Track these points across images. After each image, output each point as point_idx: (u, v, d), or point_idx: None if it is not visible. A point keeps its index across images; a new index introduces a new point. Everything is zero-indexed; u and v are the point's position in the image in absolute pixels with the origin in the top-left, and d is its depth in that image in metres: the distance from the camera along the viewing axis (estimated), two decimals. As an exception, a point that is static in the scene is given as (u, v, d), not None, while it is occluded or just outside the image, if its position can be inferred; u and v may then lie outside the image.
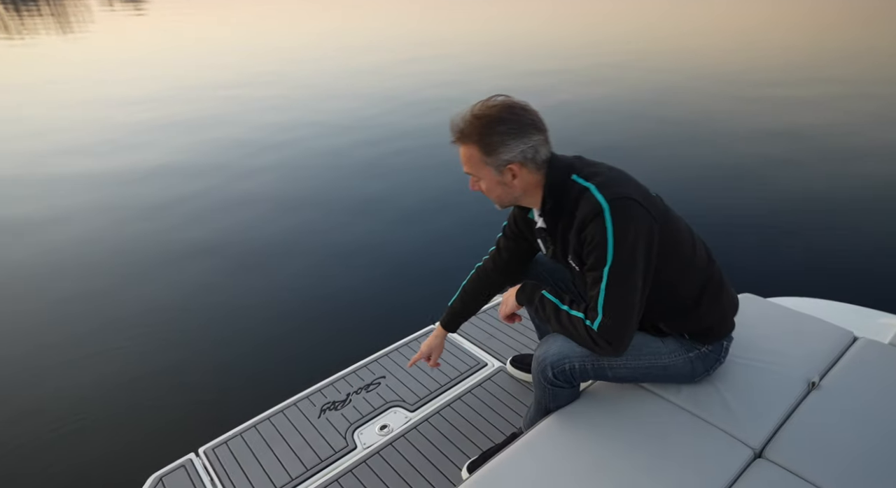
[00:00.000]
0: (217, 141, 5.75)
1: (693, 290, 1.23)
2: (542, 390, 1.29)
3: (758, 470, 1.14)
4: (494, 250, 1.50)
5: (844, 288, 2.81)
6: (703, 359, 1.30)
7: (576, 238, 1.15)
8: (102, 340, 2.65)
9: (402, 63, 9.82)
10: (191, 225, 3.86)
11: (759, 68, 8.54)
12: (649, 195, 1.17)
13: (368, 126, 6.10)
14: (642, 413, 1.28)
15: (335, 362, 2.01)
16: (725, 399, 1.31)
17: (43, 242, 3.67)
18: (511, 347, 2.00)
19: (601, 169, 1.18)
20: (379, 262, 3.26)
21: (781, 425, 1.24)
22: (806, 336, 1.52)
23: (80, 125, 6.47)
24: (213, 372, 2.41)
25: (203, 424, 2.06)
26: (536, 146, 1.14)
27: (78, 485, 1.88)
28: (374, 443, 1.62)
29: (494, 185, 1.19)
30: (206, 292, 3.03)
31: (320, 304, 2.88)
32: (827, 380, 1.37)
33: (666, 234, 1.15)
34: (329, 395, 1.83)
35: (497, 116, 1.11)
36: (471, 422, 1.67)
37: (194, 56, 11.32)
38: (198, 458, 1.62)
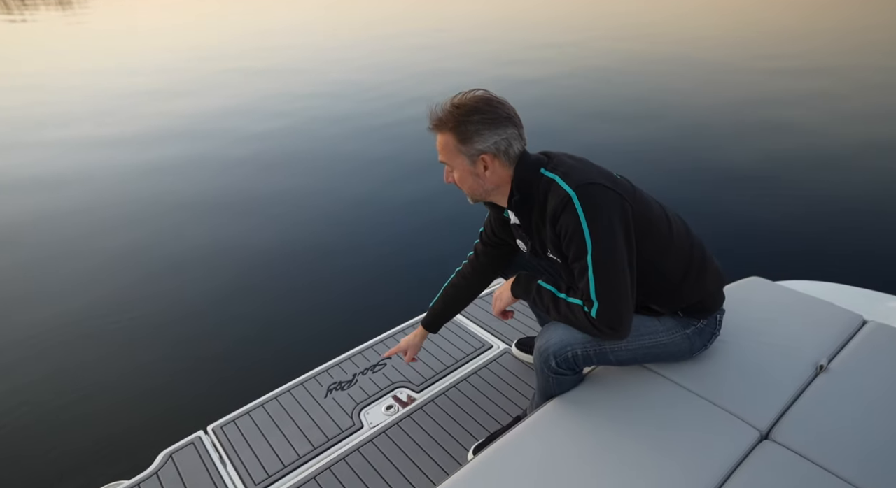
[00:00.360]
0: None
1: (677, 267, 1.24)
2: (546, 379, 1.29)
3: (764, 451, 1.14)
4: (472, 256, 1.52)
5: (854, 271, 2.79)
6: (700, 333, 1.32)
7: (551, 231, 1.17)
8: (112, 318, 2.68)
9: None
10: (197, 206, 3.86)
11: (778, 41, 8.35)
12: (614, 177, 1.19)
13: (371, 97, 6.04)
14: (648, 395, 1.28)
15: (342, 343, 2.02)
16: (732, 381, 1.30)
17: (40, 213, 3.69)
18: (517, 329, 2.01)
19: (564, 159, 1.20)
20: (386, 244, 3.26)
21: (788, 407, 1.24)
22: (815, 319, 1.51)
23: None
24: (221, 352, 2.43)
25: (212, 403, 2.09)
26: (510, 139, 1.16)
27: (90, 461, 1.92)
28: (380, 423, 1.64)
29: (467, 175, 1.20)
30: (215, 273, 3.04)
31: (327, 285, 2.89)
32: (835, 364, 1.36)
33: (638, 213, 1.16)
34: (336, 376, 1.84)
35: (474, 106, 1.14)
36: (476, 403, 1.68)
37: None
38: (206, 436, 1.65)
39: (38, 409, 2.17)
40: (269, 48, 10.05)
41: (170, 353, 2.44)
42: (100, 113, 6.28)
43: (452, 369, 1.84)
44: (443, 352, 1.92)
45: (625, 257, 1.12)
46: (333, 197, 3.94)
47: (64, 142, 5.32)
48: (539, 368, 1.28)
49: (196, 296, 2.85)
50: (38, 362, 2.42)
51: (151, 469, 1.54)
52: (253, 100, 6.62)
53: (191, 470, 1.53)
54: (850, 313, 1.55)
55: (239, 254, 3.24)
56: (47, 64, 9.05)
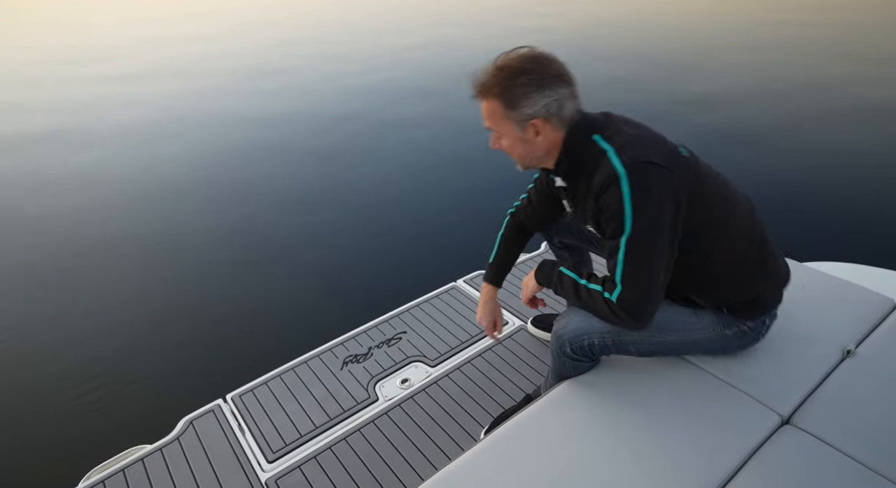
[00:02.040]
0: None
1: (730, 258, 1.14)
2: (562, 363, 1.27)
3: (785, 435, 1.12)
4: (526, 200, 1.45)
5: (887, 253, 2.70)
6: (741, 336, 1.23)
7: (593, 204, 1.09)
8: (137, 288, 2.73)
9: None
10: (211, 188, 3.87)
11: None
12: (677, 155, 1.07)
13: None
14: (666, 377, 1.26)
15: (358, 316, 2.03)
16: (754, 364, 1.27)
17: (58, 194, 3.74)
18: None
19: (624, 128, 1.09)
20: (404, 219, 3.25)
21: (812, 392, 1.21)
22: (843, 302, 1.46)
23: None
24: (240, 323, 2.47)
25: (231, 372, 2.13)
26: (561, 100, 1.06)
27: (116, 425, 1.99)
28: (395, 396, 1.65)
29: (516, 143, 1.12)
30: (234, 249, 3.07)
31: (344, 259, 2.89)
32: (863, 348, 1.32)
33: (696, 199, 1.06)
34: (351, 348, 1.85)
35: (520, 67, 1.04)
36: (491, 379, 1.68)
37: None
38: (226, 404, 1.68)
39: (65, 375, 2.24)
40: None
41: (191, 323, 2.49)
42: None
43: (468, 345, 1.84)
44: (458, 327, 1.92)
45: (663, 246, 1.04)
46: (349, 174, 3.91)
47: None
48: (555, 351, 1.26)
49: (215, 269, 2.88)
50: (64, 331, 2.49)
51: (173, 434, 1.58)
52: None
53: (211, 437, 1.57)
54: (881, 297, 1.49)
55: (256, 227, 3.25)
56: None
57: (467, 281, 2.16)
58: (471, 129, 4.48)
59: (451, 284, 2.15)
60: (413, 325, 1.94)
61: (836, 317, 1.40)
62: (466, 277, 2.18)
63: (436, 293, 2.10)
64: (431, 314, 1.99)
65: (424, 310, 2.01)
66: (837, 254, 1.97)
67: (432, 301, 2.06)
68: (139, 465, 1.50)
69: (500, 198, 3.37)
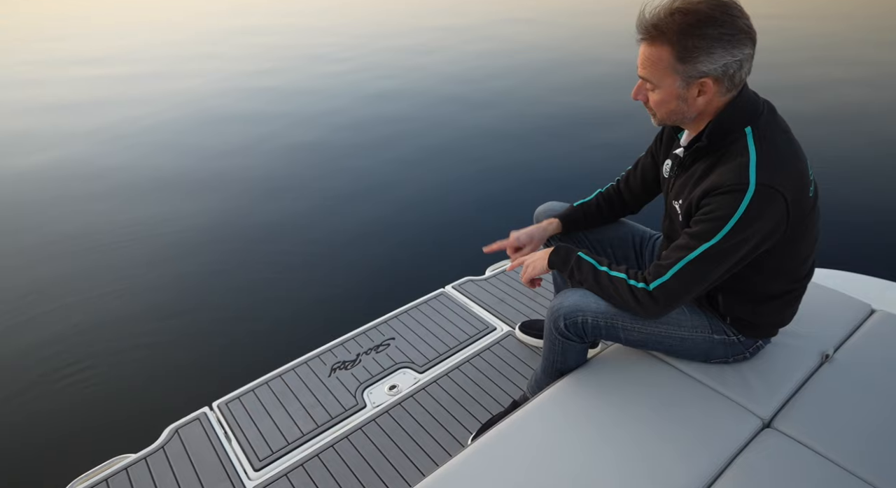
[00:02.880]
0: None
1: (771, 291, 1.16)
2: (552, 343, 1.27)
3: (765, 439, 1.14)
4: (624, 179, 1.41)
5: (864, 259, 2.76)
6: (729, 346, 1.25)
7: (699, 196, 1.02)
8: (121, 294, 2.70)
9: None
10: (180, 185, 3.85)
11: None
12: (805, 194, 1.02)
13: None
14: (650, 381, 1.28)
15: (345, 323, 2.02)
16: (736, 369, 1.30)
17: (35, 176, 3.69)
18: (520, 312, 2.00)
19: (778, 136, 1.00)
20: (391, 226, 3.25)
21: (792, 396, 1.24)
22: (822, 307, 1.50)
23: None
24: (226, 330, 2.45)
25: (217, 380, 2.12)
26: (742, 62, 0.94)
27: (98, 435, 1.96)
28: (383, 402, 1.65)
29: (671, 98, 1.00)
30: (220, 253, 3.05)
31: (333, 265, 2.89)
32: (841, 353, 1.36)
33: (788, 242, 1.04)
34: (339, 355, 1.85)
35: (709, 15, 0.90)
36: (479, 385, 1.69)
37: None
38: (212, 412, 1.67)
39: (48, 382, 2.21)
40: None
41: (176, 329, 2.46)
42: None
43: (456, 351, 1.85)
44: (447, 333, 1.93)
45: (730, 266, 1.03)
46: (339, 183, 3.91)
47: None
48: (548, 329, 1.26)
49: (203, 273, 2.86)
50: (46, 334, 2.45)
51: (158, 443, 1.57)
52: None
53: (196, 445, 1.55)
54: (859, 302, 1.53)
55: (242, 231, 3.24)
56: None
57: (456, 287, 2.17)
58: (457, 133, 4.51)
59: (440, 290, 2.16)
60: (401, 331, 1.94)
61: (815, 322, 1.44)
62: (455, 283, 2.19)
63: (424, 299, 2.10)
64: (420, 320, 1.99)
65: (413, 316, 2.02)
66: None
67: (421, 307, 2.06)
68: (123, 475, 1.49)
69: (489, 205, 3.41)
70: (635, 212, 1.47)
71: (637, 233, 1.48)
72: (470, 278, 2.21)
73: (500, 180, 3.72)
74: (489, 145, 4.31)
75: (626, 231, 1.49)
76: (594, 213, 1.44)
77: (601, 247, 1.49)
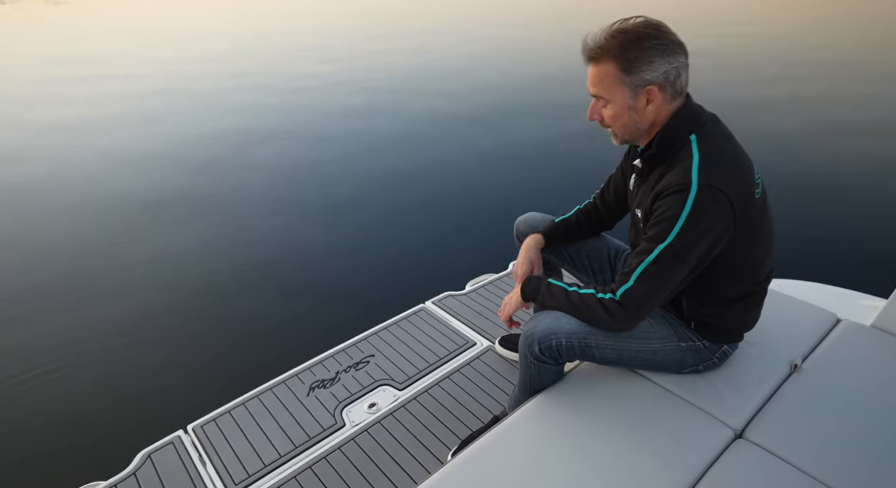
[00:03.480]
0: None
1: (731, 294, 1.21)
2: (528, 367, 1.29)
3: (737, 450, 1.16)
4: (598, 200, 1.48)
5: (828, 270, 2.85)
6: (695, 352, 1.29)
7: (652, 199, 1.10)
8: (93, 316, 2.63)
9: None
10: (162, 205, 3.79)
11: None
12: (751, 195, 1.08)
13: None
14: (626, 394, 1.30)
15: (324, 340, 2.01)
16: (708, 380, 1.32)
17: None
18: (500, 326, 2.01)
19: (718, 141, 1.09)
20: (368, 241, 3.24)
21: (762, 406, 1.27)
22: (790, 318, 1.54)
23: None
24: (200, 350, 2.40)
25: (192, 402, 2.07)
26: (679, 69, 1.06)
27: (68, 462, 1.89)
28: (362, 421, 1.63)
29: (624, 110, 1.10)
30: (195, 268, 3.00)
31: (309, 282, 2.86)
32: (809, 363, 1.39)
33: (740, 242, 1.10)
34: (318, 373, 1.83)
35: (643, 32, 1.04)
36: (459, 401, 1.69)
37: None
38: (186, 435, 1.63)
39: (13, 408, 2.13)
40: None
41: (148, 350, 2.41)
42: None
43: (436, 367, 1.84)
44: (427, 349, 1.92)
45: (688, 268, 1.07)
46: (315, 198, 3.90)
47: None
48: (522, 353, 1.28)
49: (175, 292, 2.81)
50: (13, 358, 2.37)
51: (129, 469, 1.52)
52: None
53: (169, 470, 1.51)
54: (824, 312, 1.58)
55: (220, 250, 3.19)
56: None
57: (436, 302, 2.17)
58: (434, 150, 4.55)
59: (420, 306, 2.16)
60: (381, 348, 1.93)
61: (783, 333, 1.47)
62: (435, 298, 2.19)
63: (404, 315, 2.10)
64: (400, 336, 1.99)
65: (393, 332, 2.01)
66: (782, 271, 2.08)
67: (401, 323, 2.06)
68: (92, 503, 1.44)
69: (469, 219, 3.43)
70: (611, 227, 1.52)
71: (612, 247, 1.52)
72: (450, 293, 2.22)
73: (481, 194, 3.75)
74: (468, 161, 4.35)
75: (603, 244, 1.53)
76: (573, 229, 1.51)
77: (579, 259, 1.53)
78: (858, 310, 1.69)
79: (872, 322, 1.56)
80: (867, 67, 6.94)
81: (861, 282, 2.00)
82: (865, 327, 1.54)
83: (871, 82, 6.28)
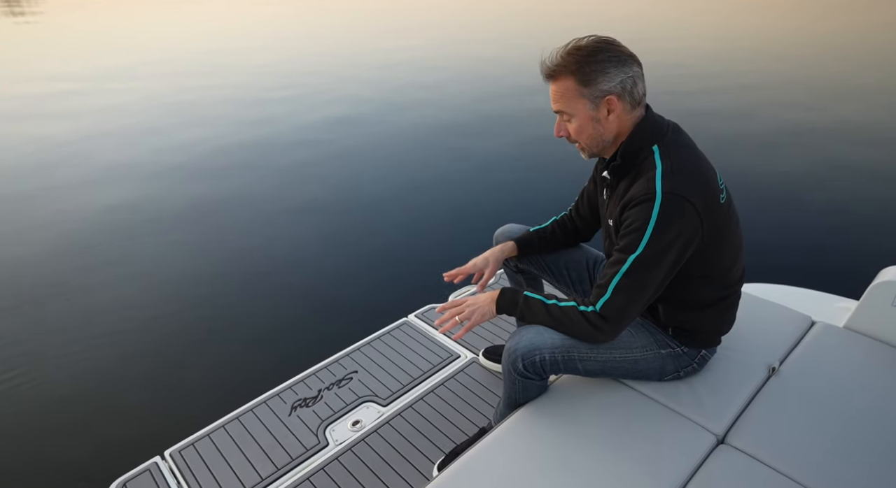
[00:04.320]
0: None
1: (705, 298, 1.23)
2: (512, 383, 1.29)
3: (720, 455, 1.17)
4: (573, 212, 1.51)
5: (801, 273, 2.92)
6: (676, 358, 1.30)
7: (620, 209, 1.14)
8: (63, 339, 2.55)
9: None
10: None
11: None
12: (716, 201, 1.11)
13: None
14: (610, 404, 1.30)
15: (306, 358, 1.97)
16: (690, 386, 1.33)
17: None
18: (484, 338, 2.01)
19: (679, 150, 1.12)
20: (351, 256, 3.22)
21: (743, 411, 1.28)
22: (765, 321, 1.57)
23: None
24: (177, 371, 2.34)
25: (169, 426, 2.01)
26: (635, 78, 1.11)
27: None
28: (346, 440, 1.61)
29: (587, 123, 1.14)
30: (165, 287, 2.93)
31: (289, 299, 2.82)
32: (786, 365, 1.42)
33: (710, 247, 1.12)
34: (300, 392, 1.80)
35: (596, 47, 1.10)
36: (444, 415, 1.67)
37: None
38: (164, 461, 1.58)
39: (-19, 439, 2.04)
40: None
41: (122, 375, 2.34)
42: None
43: (420, 381, 1.83)
44: (410, 363, 1.90)
45: (661, 276, 1.10)
46: (294, 214, 3.87)
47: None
48: (506, 370, 1.27)
49: (150, 311, 2.74)
50: (-20, 388, 2.28)
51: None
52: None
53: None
54: (800, 314, 1.61)
55: (196, 268, 3.13)
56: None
57: (419, 315, 2.16)
58: (415, 161, 4.56)
59: (403, 319, 2.14)
60: (364, 364, 1.91)
61: (761, 336, 1.50)
62: (418, 311, 2.18)
63: (387, 329, 2.08)
64: (383, 351, 1.97)
65: (376, 347, 1.99)
66: (757, 276, 2.13)
67: (383, 338, 2.04)
68: (64, 537, 1.38)
69: (450, 229, 3.44)
70: (588, 239, 1.53)
71: (591, 257, 1.54)
72: (433, 306, 2.21)
73: (461, 206, 3.76)
74: (448, 171, 4.37)
75: (581, 255, 1.54)
76: (549, 239, 1.52)
77: (558, 270, 1.54)
78: (831, 312, 1.73)
79: (845, 323, 1.60)
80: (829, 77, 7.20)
81: (831, 284, 2.05)
82: (839, 328, 1.57)
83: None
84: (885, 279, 1.53)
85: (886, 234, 3.26)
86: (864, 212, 3.53)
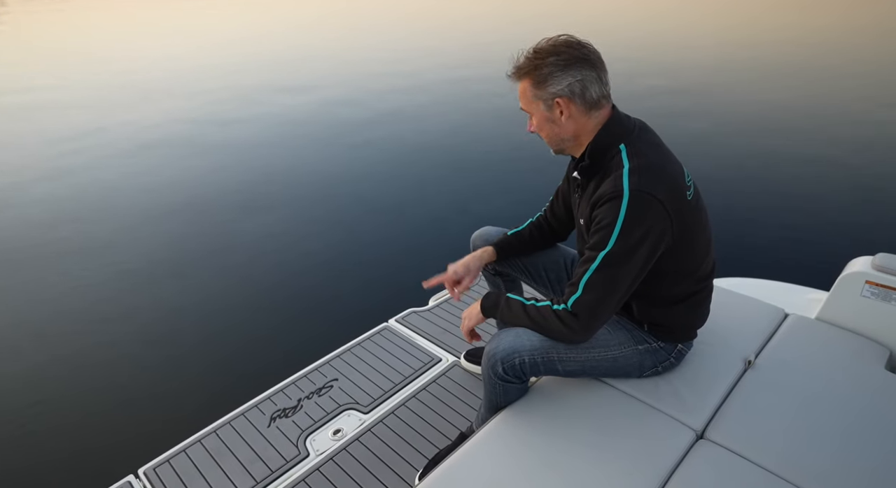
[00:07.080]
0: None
1: (680, 292, 1.25)
2: (493, 386, 1.28)
3: (700, 450, 1.18)
4: (548, 213, 1.51)
5: (773, 266, 2.98)
6: (653, 353, 1.32)
7: (590, 208, 1.15)
8: (30, 352, 2.45)
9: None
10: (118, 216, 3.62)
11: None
12: (682, 197, 1.13)
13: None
14: (591, 403, 1.30)
15: (285, 367, 1.94)
16: (668, 382, 1.34)
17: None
18: (465, 341, 1.99)
19: (645, 149, 1.14)
20: (329, 261, 3.18)
21: (721, 405, 1.29)
22: (740, 315, 1.59)
23: None
24: (150, 385, 2.27)
25: (143, 443, 1.95)
26: (585, 82, 1.12)
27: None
28: (327, 449, 1.58)
29: (544, 122, 1.19)
30: (138, 295, 2.85)
31: (266, 307, 2.77)
32: (762, 358, 1.44)
33: (680, 242, 1.14)
34: (279, 402, 1.76)
35: (550, 50, 1.13)
36: (426, 420, 1.66)
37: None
38: (138, 480, 1.53)
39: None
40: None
41: (92, 390, 2.26)
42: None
43: (401, 386, 1.81)
44: (391, 369, 1.88)
45: (633, 272, 1.11)
46: (272, 218, 3.81)
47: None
48: (486, 375, 1.27)
49: (121, 325, 2.66)
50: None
51: (74, 522, 1.41)
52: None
53: (120, 520, 1.41)
54: (773, 307, 1.64)
55: (168, 276, 3.06)
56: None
57: (399, 320, 2.14)
58: (391, 164, 4.53)
59: (384, 324, 2.12)
60: (345, 371, 1.88)
61: (736, 330, 1.52)
62: (398, 316, 2.16)
63: (367, 335, 2.06)
64: (363, 357, 1.94)
65: (356, 353, 1.96)
66: (729, 270, 2.17)
67: (364, 343, 2.01)
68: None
69: (430, 232, 3.42)
70: (564, 238, 1.54)
71: (568, 257, 1.54)
72: (413, 310, 2.19)
73: (439, 208, 3.75)
74: (425, 173, 4.36)
75: (559, 255, 1.54)
76: (526, 241, 1.52)
77: (536, 271, 1.54)
78: (803, 304, 1.76)
79: (817, 314, 1.63)
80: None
81: (802, 277, 2.10)
82: (811, 320, 1.60)
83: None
84: (854, 270, 1.56)
85: (853, 227, 3.36)
86: (833, 205, 3.63)
